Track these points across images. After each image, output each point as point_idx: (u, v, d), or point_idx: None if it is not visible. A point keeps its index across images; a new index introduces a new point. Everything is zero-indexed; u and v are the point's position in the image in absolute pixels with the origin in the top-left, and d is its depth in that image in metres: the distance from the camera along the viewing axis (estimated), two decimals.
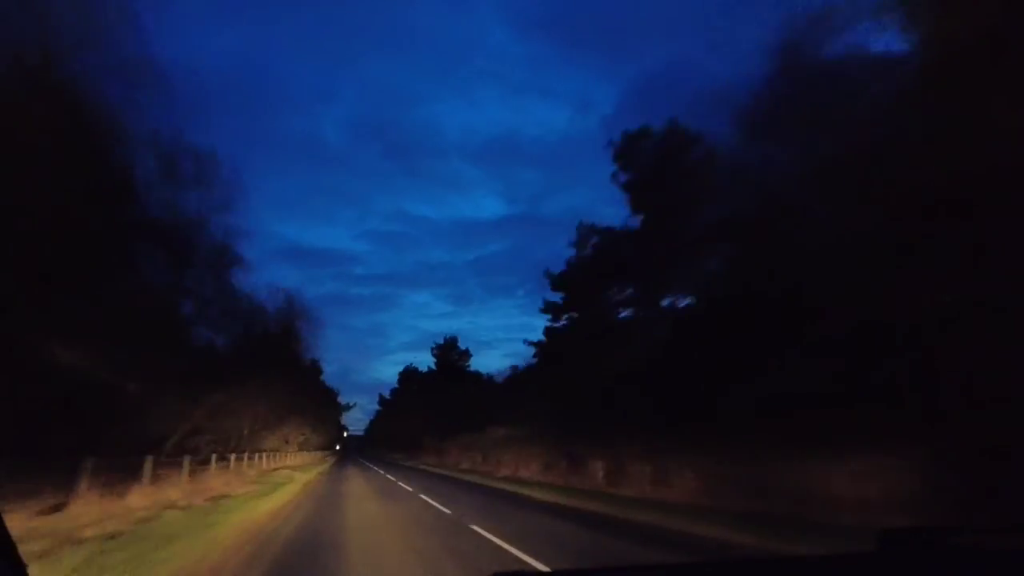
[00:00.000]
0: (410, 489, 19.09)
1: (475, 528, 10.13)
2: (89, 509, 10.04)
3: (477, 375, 53.39)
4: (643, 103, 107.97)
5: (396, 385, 79.41)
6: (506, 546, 8.23)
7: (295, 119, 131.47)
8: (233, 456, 21.70)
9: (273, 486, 19.55)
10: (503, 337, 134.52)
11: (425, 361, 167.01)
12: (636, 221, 21.61)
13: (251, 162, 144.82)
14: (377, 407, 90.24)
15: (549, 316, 27.91)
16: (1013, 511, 6.90)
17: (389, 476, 28.99)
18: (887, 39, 9.54)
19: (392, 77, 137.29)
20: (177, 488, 14.19)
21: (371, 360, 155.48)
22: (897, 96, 8.93)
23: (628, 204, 21.77)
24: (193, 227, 16.21)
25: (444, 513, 12.76)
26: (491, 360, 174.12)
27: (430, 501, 15.36)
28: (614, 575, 2.03)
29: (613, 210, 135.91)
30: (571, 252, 25.12)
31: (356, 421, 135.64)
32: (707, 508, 11.73)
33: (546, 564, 6.97)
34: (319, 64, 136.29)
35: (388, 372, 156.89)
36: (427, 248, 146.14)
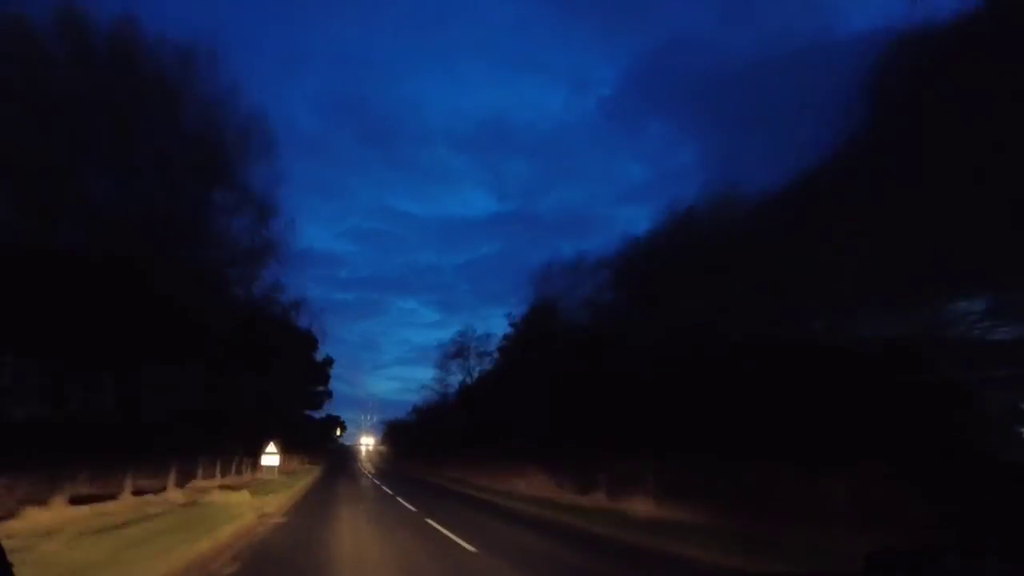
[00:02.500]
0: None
1: None
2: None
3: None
4: (645, 83, 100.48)
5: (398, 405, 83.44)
6: None
7: (260, 95, 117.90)
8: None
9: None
10: (494, 349, 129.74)
11: (420, 376, 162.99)
12: None
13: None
14: (372, 422, 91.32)
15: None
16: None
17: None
18: None
19: (364, 44, 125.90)
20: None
21: (364, 375, 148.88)
22: None
23: None
24: None
25: None
26: None
27: None
28: None
29: (610, 210, 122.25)
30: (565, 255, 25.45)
31: (349, 436, 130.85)
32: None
33: None
34: (282, 28, 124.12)
35: (383, 387, 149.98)
36: (414, 249, 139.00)
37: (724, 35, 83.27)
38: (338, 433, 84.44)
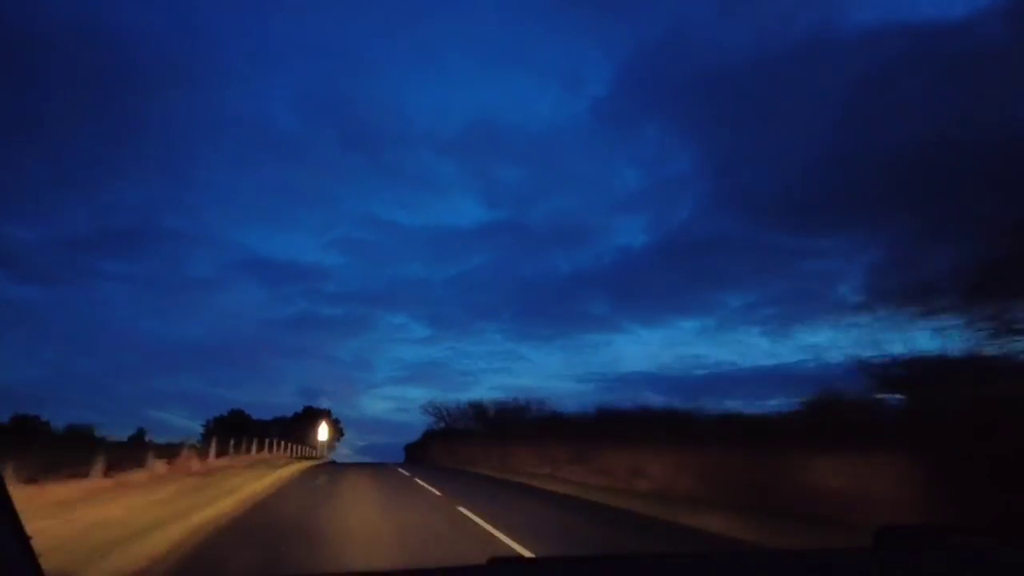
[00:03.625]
0: None
1: None
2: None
3: None
4: (640, 82, 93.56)
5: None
6: None
7: (236, 96, 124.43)
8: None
9: None
10: (485, 367, 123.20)
11: (412, 395, 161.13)
12: None
13: (192, 148, 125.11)
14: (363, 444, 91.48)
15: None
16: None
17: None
18: None
19: (344, 39, 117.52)
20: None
21: (357, 395, 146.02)
22: None
23: None
24: None
25: None
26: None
27: None
28: (599, 563, 2.06)
29: (605, 219, 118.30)
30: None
31: (343, 456, 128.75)
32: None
33: None
34: (257, 24, 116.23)
35: (378, 407, 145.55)
36: (402, 261, 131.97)
37: (723, 29, 79.75)
38: (324, 436, 60.42)
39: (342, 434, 77.03)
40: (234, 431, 49.75)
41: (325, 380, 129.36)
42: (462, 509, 11.81)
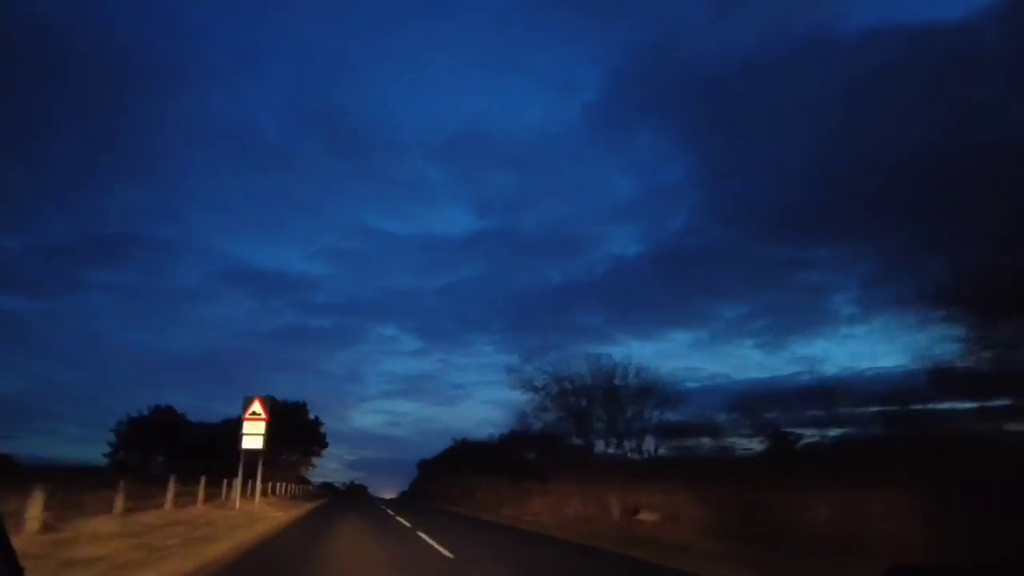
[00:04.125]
0: None
1: None
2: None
3: None
4: (633, 86, 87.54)
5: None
6: None
7: (221, 101, 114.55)
8: None
9: None
10: (477, 380, 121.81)
11: (404, 409, 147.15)
12: None
13: (177, 155, 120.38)
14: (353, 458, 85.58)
15: None
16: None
17: None
18: None
19: (330, 42, 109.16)
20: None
21: (347, 409, 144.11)
22: None
23: None
24: None
25: None
26: (468, 423, 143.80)
27: None
28: None
29: (597, 228, 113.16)
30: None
31: (331, 472, 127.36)
32: None
33: None
34: (242, 26, 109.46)
35: (369, 420, 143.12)
36: (392, 271, 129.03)
37: (717, 32, 78.01)
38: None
39: (323, 445, 55.48)
40: (158, 441, 38.02)
41: (314, 393, 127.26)
42: None
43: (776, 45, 67.19)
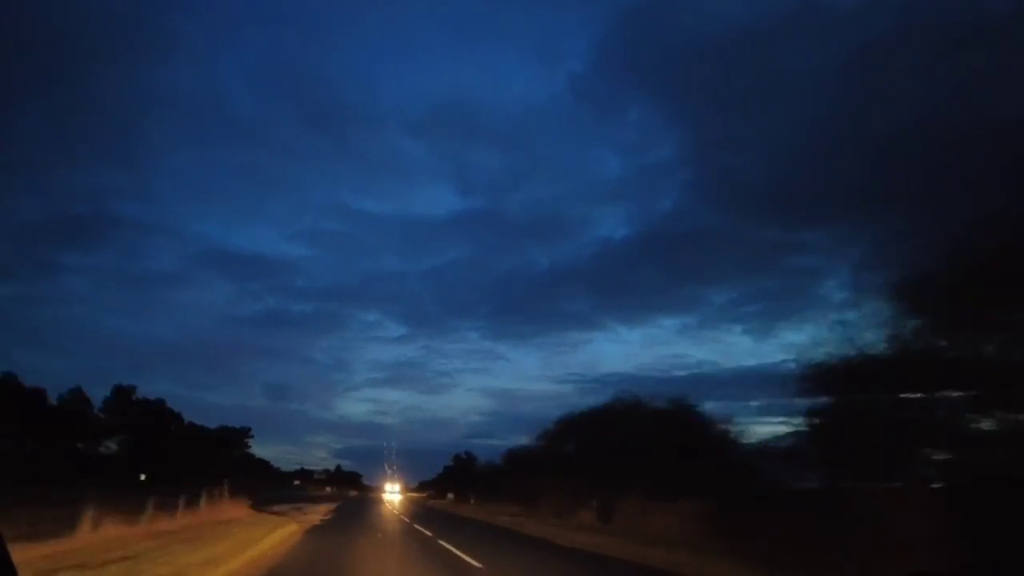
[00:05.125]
0: None
1: None
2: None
3: None
4: (621, 57, 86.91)
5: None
6: None
7: (188, 70, 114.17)
8: None
9: None
10: (463, 367, 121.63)
11: (391, 398, 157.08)
12: None
13: (143, 128, 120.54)
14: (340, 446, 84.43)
15: None
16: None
17: None
18: None
19: (302, 8, 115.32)
20: None
21: (333, 397, 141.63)
22: None
23: None
24: None
25: None
26: (452, 413, 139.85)
27: None
28: None
29: (585, 209, 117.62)
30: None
31: (319, 460, 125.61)
32: None
33: None
34: None
35: (355, 410, 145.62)
36: (374, 254, 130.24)
37: None
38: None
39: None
40: None
41: (297, 380, 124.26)
42: None
43: (772, 12, 65.35)
